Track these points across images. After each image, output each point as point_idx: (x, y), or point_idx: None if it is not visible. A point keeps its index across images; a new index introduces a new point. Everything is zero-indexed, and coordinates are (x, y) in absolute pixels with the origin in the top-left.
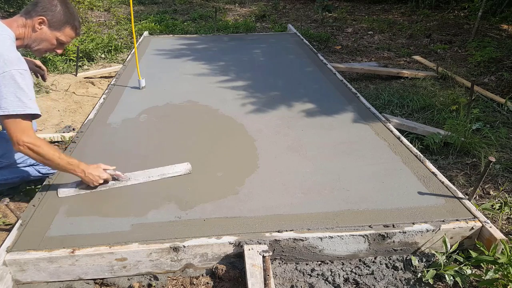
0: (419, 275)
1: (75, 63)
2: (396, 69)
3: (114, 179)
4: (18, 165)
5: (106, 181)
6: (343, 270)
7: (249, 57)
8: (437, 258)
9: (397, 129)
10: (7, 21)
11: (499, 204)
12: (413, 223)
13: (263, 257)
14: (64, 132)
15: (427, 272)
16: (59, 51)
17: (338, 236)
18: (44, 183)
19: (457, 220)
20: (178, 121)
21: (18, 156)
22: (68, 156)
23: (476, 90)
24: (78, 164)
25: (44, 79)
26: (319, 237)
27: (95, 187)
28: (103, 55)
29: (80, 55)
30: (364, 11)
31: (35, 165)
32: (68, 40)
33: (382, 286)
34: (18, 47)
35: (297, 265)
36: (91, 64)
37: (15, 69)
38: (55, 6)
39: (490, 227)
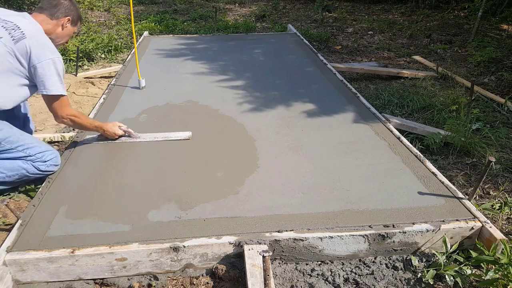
0: (419, 275)
1: (75, 63)
2: (396, 69)
3: (127, 136)
4: (19, 153)
5: (120, 137)
6: (343, 270)
7: (249, 57)
8: (437, 258)
9: (397, 129)
10: (37, 19)
11: (499, 204)
12: (413, 223)
13: (263, 257)
14: (64, 132)
15: (427, 272)
16: (67, 43)
17: (338, 236)
18: (44, 183)
19: (457, 220)
20: (178, 121)
21: (20, 143)
22: (94, 120)
23: (476, 90)
24: (101, 125)
25: None
26: (319, 237)
27: (112, 139)
28: (103, 55)
29: (80, 55)
30: (364, 11)
31: (34, 160)
32: (76, 32)
33: (382, 286)
34: None
35: (297, 265)
36: (91, 64)
37: (57, 57)
38: (71, 6)
39: (490, 227)
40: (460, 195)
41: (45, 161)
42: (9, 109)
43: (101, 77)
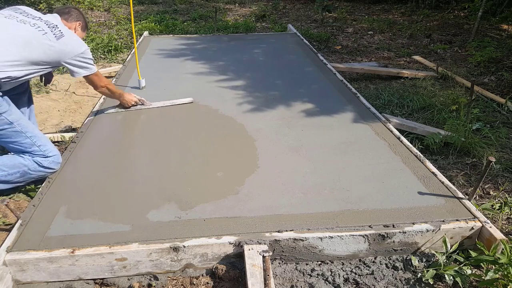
0: (419, 275)
1: None
2: (396, 69)
3: (141, 104)
4: (26, 136)
5: (136, 104)
6: (343, 270)
7: (249, 57)
8: (437, 258)
9: (397, 129)
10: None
11: (499, 204)
12: (413, 223)
13: (263, 257)
14: (64, 132)
15: (427, 272)
16: None
17: (338, 236)
18: (44, 183)
19: (457, 220)
20: (178, 121)
21: (28, 129)
22: (118, 89)
23: (476, 90)
24: (122, 93)
25: (47, 83)
26: (319, 237)
27: (129, 107)
28: (103, 55)
29: None
30: (364, 11)
31: (35, 152)
32: (83, 38)
33: (382, 286)
34: None
35: (297, 265)
36: None
37: (86, 47)
38: (80, 15)
39: (490, 227)
40: (460, 195)
41: (47, 157)
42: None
43: None
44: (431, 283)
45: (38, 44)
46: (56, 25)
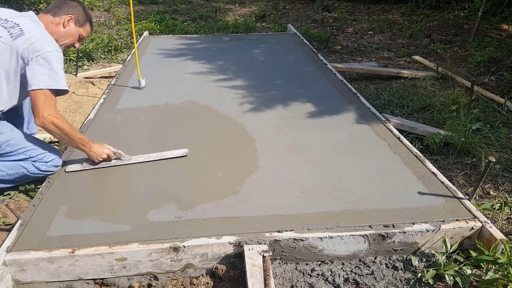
0: (419, 275)
1: (75, 63)
2: (396, 69)
3: (117, 158)
4: (19, 156)
5: (109, 159)
6: (343, 270)
7: (249, 57)
8: (437, 258)
9: (397, 129)
10: (39, 17)
11: (499, 204)
12: (413, 223)
13: (263, 257)
14: None
15: (427, 272)
16: (77, 45)
17: (338, 236)
18: (44, 183)
19: (457, 220)
20: (178, 121)
21: (20, 146)
22: (80, 133)
23: (476, 90)
24: (87, 140)
25: None
26: (319, 237)
27: (99, 163)
28: (103, 55)
29: (80, 55)
30: (364, 11)
31: (34, 160)
32: (86, 35)
33: (382, 286)
34: None
35: (297, 265)
36: (91, 64)
37: (55, 51)
38: (78, 7)
39: (490, 227)
40: (460, 195)
41: (46, 162)
42: (13, 108)
43: (101, 77)
44: (431, 283)
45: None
46: (17, 24)
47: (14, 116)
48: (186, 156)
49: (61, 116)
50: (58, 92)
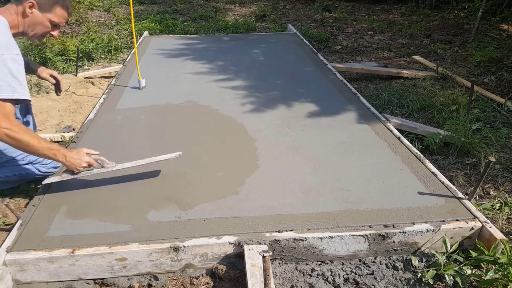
0: (419, 275)
1: (75, 63)
2: (396, 69)
3: (99, 166)
4: (18, 162)
5: (90, 166)
6: (343, 270)
7: (249, 57)
8: (437, 258)
9: (397, 129)
10: (0, 10)
11: (499, 204)
12: (413, 223)
13: (263, 257)
14: (64, 132)
15: (427, 272)
16: (55, 34)
17: (338, 236)
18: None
19: (457, 220)
20: (178, 121)
21: (18, 153)
22: (49, 141)
23: (476, 90)
24: (59, 148)
25: (58, 91)
26: (319, 237)
27: (79, 172)
28: (103, 55)
29: (80, 55)
30: (364, 11)
31: (34, 163)
32: (61, 21)
33: (382, 286)
34: (15, 36)
35: (297, 265)
36: (91, 64)
37: (7, 54)
38: None
39: (490, 227)
40: (460, 195)
41: (46, 164)
42: None
43: (101, 77)
44: (431, 283)
45: None
46: None
47: None
48: (180, 156)
49: (18, 125)
50: (17, 101)
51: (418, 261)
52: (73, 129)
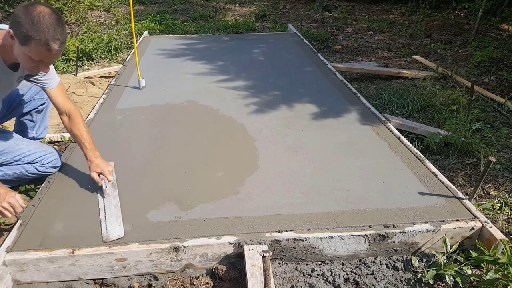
0: (419, 275)
1: (75, 63)
2: (396, 69)
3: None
4: (16, 161)
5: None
6: (343, 270)
7: (249, 57)
8: (437, 258)
9: (397, 129)
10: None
11: (499, 204)
12: (413, 223)
13: (263, 257)
14: (64, 132)
15: (427, 272)
16: (44, 70)
17: (338, 236)
18: (44, 183)
19: (457, 220)
20: (178, 121)
21: (15, 154)
22: None
23: (476, 90)
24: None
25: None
26: (319, 237)
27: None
28: (103, 55)
29: (80, 55)
30: (364, 11)
31: (32, 163)
32: (40, 58)
33: (382, 286)
34: (5, 62)
35: (297, 265)
36: (91, 64)
37: None
38: (19, 16)
39: (491, 227)
40: (461, 195)
41: (44, 164)
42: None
43: (101, 77)
44: (431, 283)
45: None
46: None
47: (24, 119)
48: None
49: None
50: None
51: (418, 261)
52: None
